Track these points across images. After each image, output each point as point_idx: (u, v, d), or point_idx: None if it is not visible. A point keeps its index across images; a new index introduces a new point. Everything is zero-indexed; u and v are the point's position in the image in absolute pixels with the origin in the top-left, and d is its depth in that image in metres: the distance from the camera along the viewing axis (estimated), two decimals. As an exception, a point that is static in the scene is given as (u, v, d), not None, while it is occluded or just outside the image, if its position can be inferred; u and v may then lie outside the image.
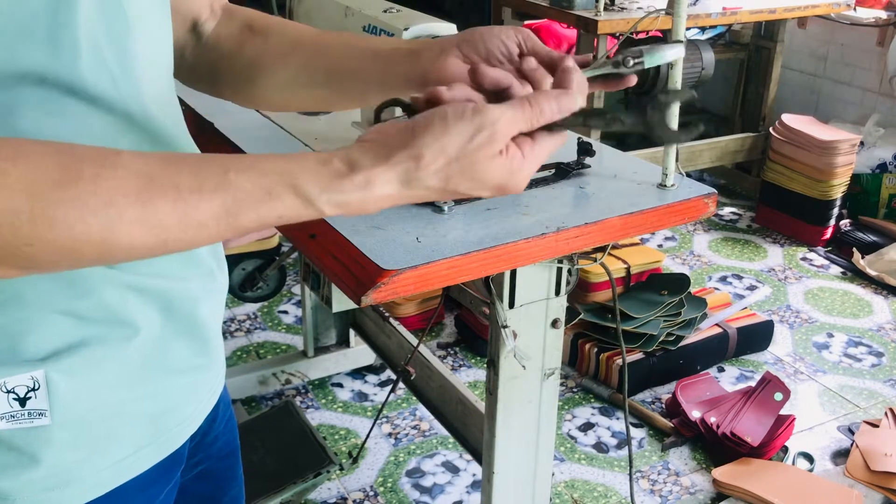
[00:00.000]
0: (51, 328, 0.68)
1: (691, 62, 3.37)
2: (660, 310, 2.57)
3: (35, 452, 0.69)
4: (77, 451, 0.71)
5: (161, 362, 0.77)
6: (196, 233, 0.61)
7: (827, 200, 3.45)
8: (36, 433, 0.68)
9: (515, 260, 1.22)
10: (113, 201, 0.57)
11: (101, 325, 0.71)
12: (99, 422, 0.72)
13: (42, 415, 0.68)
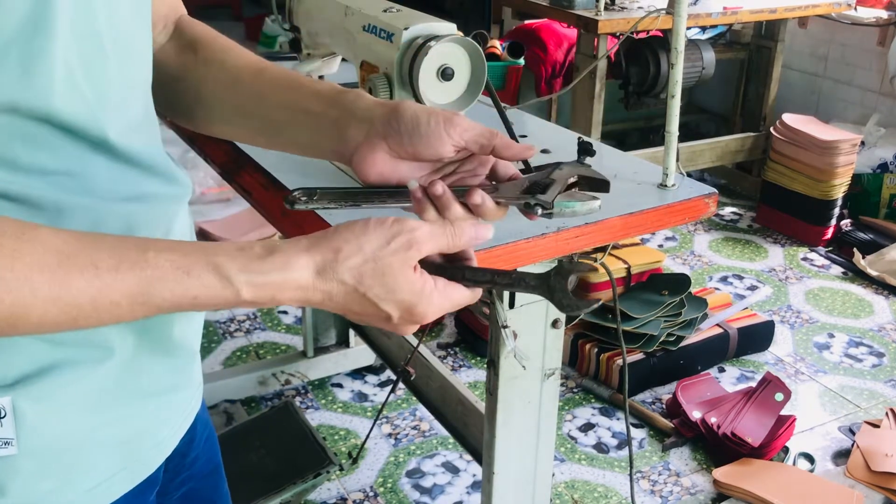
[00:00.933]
0: (19, 352, 0.65)
1: (692, 62, 3.37)
2: (660, 310, 2.57)
3: (1, 483, 0.66)
4: (46, 481, 0.69)
5: (134, 385, 0.75)
6: (108, 311, 0.60)
7: (827, 200, 3.45)
8: (2, 463, 0.66)
9: (516, 260, 1.21)
10: (29, 278, 0.56)
11: (73, 347, 0.68)
12: (69, 449, 0.70)
13: (8, 444, 0.65)
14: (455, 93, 1.32)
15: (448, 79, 1.29)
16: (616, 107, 3.68)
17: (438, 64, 1.27)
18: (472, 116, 1.64)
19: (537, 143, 1.59)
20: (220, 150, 1.58)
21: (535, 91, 3.58)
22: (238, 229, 3.26)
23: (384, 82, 1.30)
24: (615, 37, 3.18)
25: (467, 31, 1.82)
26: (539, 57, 3.56)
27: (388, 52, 1.29)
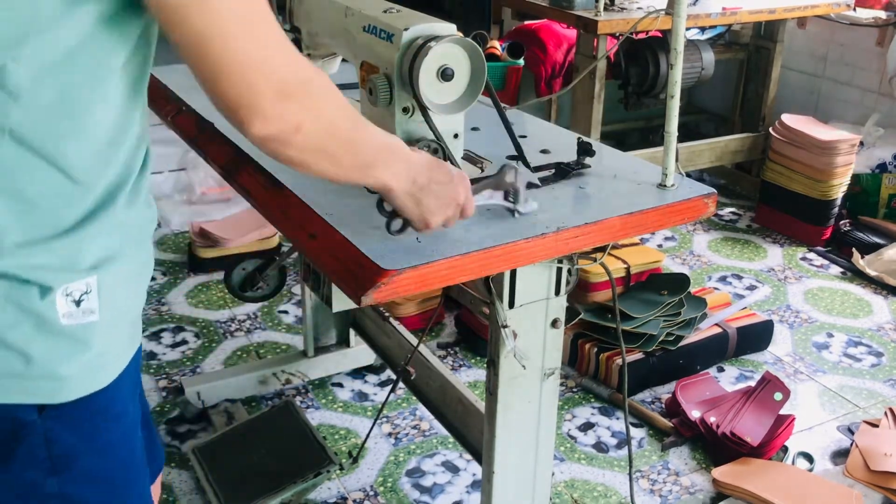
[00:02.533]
0: (97, 243, 0.89)
1: (691, 62, 3.38)
2: (660, 310, 2.57)
3: (87, 340, 0.90)
4: (112, 340, 0.93)
5: (147, 270, 1.02)
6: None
7: (827, 200, 3.45)
8: (88, 327, 0.89)
9: (515, 260, 1.22)
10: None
11: (125, 237, 0.93)
12: (124, 316, 0.95)
13: (93, 313, 0.90)
14: (455, 93, 1.32)
15: (448, 79, 1.29)
16: (615, 107, 3.68)
17: (438, 64, 1.27)
18: (472, 117, 1.65)
19: (537, 143, 1.60)
20: (220, 150, 1.58)
21: (534, 91, 3.59)
22: (238, 229, 3.26)
23: (384, 83, 1.30)
24: (615, 37, 3.19)
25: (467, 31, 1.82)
26: (539, 57, 3.57)
27: (389, 52, 1.29)
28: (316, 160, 0.96)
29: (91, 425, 0.93)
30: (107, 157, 0.90)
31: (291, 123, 0.89)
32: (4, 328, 0.84)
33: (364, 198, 1.33)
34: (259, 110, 0.86)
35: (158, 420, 2.37)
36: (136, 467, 1.03)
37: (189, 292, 3.05)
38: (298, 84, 0.90)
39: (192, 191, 3.68)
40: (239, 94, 0.86)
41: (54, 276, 0.86)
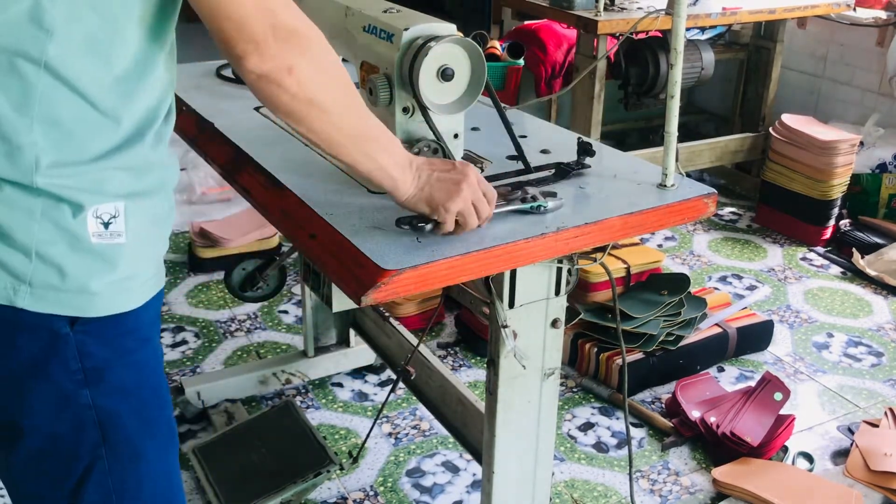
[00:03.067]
0: (129, 177, 0.97)
1: (691, 62, 3.38)
2: (660, 310, 2.57)
3: (114, 261, 0.97)
4: (137, 267, 1.00)
5: (172, 212, 1.08)
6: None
7: (827, 200, 3.45)
8: (115, 248, 0.97)
9: (515, 260, 1.22)
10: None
11: (156, 180, 1.01)
12: (149, 250, 1.02)
13: (120, 235, 0.97)
14: (455, 93, 1.33)
15: (448, 79, 1.29)
16: (615, 107, 3.68)
17: (438, 64, 1.27)
18: (472, 117, 1.65)
19: (537, 143, 1.60)
20: (220, 150, 1.58)
21: (534, 91, 3.59)
22: (238, 229, 3.26)
23: (384, 82, 1.30)
24: (615, 37, 3.19)
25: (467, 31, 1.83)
26: (539, 57, 3.57)
27: (389, 52, 1.29)
28: (308, 112, 1.02)
29: (120, 342, 1.00)
30: (130, 95, 0.96)
31: (285, 63, 0.96)
32: (43, 244, 0.93)
33: (364, 197, 1.33)
34: (255, 45, 0.94)
35: (158, 420, 2.37)
36: (162, 391, 1.08)
37: (189, 292, 3.05)
38: (295, 29, 0.97)
39: (192, 191, 3.68)
40: (237, 28, 0.93)
41: (86, 197, 0.94)
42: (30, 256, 0.92)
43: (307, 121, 1.03)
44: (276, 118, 1.70)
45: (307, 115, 1.02)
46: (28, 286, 0.93)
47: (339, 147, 1.08)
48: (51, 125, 0.91)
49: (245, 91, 1.88)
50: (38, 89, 0.90)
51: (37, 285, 0.93)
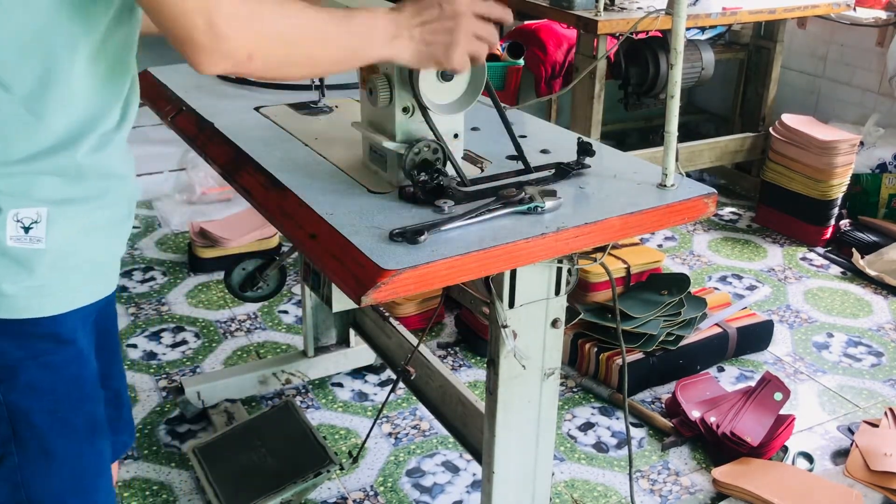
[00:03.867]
0: (57, 183, 0.96)
1: (691, 62, 3.38)
2: (660, 310, 2.57)
3: (31, 265, 0.97)
4: (61, 274, 1.00)
5: (116, 228, 1.08)
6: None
7: (827, 200, 3.45)
8: (35, 253, 0.96)
9: (515, 260, 1.22)
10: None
11: (88, 188, 1.00)
12: (79, 258, 1.01)
13: (40, 241, 0.96)
14: (455, 93, 1.33)
15: (448, 79, 1.29)
16: (615, 107, 3.68)
17: (438, 64, 1.27)
18: (472, 117, 1.65)
19: (537, 143, 1.60)
20: (220, 150, 1.58)
21: (534, 91, 3.59)
22: (238, 229, 3.26)
23: (384, 83, 1.30)
24: (615, 37, 3.19)
25: (467, 31, 1.82)
26: (539, 57, 3.57)
27: (389, 52, 1.29)
28: (285, 73, 1.04)
29: (35, 344, 1.01)
30: (63, 100, 0.95)
31: (241, 55, 0.95)
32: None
33: (364, 197, 1.33)
34: (202, 49, 0.93)
35: (158, 420, 2.37)
36: (82, 393, 1.08)
37: (189, 292, 3.05)
38: (239, 17, 0.94)
39: (192, 191, 3.68)
40: (182, 35, 0.92)
41: (6, 200, 0.94)
42: None
43: (290, 76, 1.06)
44: (276, 119, 1.70)
45: (288, 74, 1.05)
46: None
47: (334, 67, 1.09)
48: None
49: (245, 91, 1.89)
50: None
51: None
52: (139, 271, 3.19)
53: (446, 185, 1.31)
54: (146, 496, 2.10)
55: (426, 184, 1.31)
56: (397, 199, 1.32)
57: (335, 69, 1.10)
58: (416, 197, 1.31)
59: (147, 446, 2.27)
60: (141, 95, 1.14)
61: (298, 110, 1.76)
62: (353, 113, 1.66)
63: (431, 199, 1.29)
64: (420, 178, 1.30)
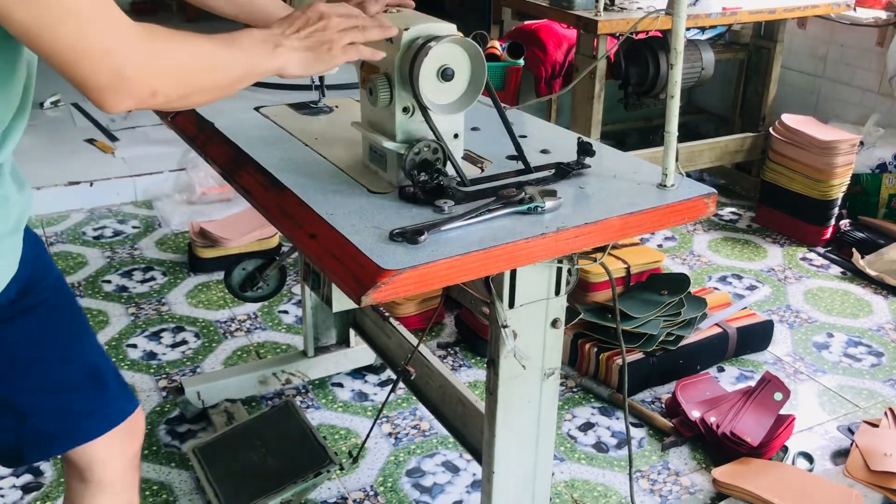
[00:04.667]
0: None
1: (691, 62, 3.38)
2: (660, 310, 2.57)
3: None
4: None
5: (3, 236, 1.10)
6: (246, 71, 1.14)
7: (827, 200, 3.45)
8: None
9: (515, 260, 1.22)
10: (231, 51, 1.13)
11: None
12: None
13: None
14: (455, 93, 1.33)
15: (448, 79, 1.29)
16: (615, 107, 3.68)
17: (438, 64, 1.27)
18: (472, 117, 1.65)
19: (537, 143, 1.60)
20: (220, 150, 1.58)
21: (534, 91, 3.59)
22: (238, 229, 3.26)
23: (384, 82, 1.30)
24: (615, 37, 3.19)
25: (467, 31, 1.82)
26: (539, 57, 3.57)
27: (389, 52, 1.29)
28: (189, 102, 1.07)
29: None
30: None
31: (144, 93, 0.98)
32: None
33: (364, 197, 1.33)
34: (107, 90, 0.95)
35: (158, 420, 2.37)
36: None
37: (189, 292, 3.05)
38: (134, 59, 0.96)
39: (192, 191, 3.68)
40: (82, 82, 0.94)
41: None
42: None
43: (194, 104, 1.09)
44: (276, 118, 1.70)
45: (191, 103, 1.08)
46: None
47: (231, 89, 1.13)
48: None
49: (245, 91, 1.89)
50: None
51: None
52: (139, 271, 3.19)
53: (446, 185, 1.31)
54: (146, 496, 2.10)
55: (426, 184, 1.31)
56: (397, 199, 1.32)
57: (232, 90, 1.13)
58: (416, 197, 1.31)
59: (147, 446, 2.27)
60: None
61: (298, 110, 1.76)
62: (353, 113, 1.66)
63: (431, 199, 1.29)
64: (420, 178, 1.30)
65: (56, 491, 2.11)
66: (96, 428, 1.30)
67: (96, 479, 1.35)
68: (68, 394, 1.26)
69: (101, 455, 1.33)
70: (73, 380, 1.26)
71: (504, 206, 1.27)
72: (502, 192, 1.30)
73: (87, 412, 1.28)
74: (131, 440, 1.37)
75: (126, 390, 1.37)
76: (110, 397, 1.32)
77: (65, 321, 1.28)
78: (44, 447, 1.29)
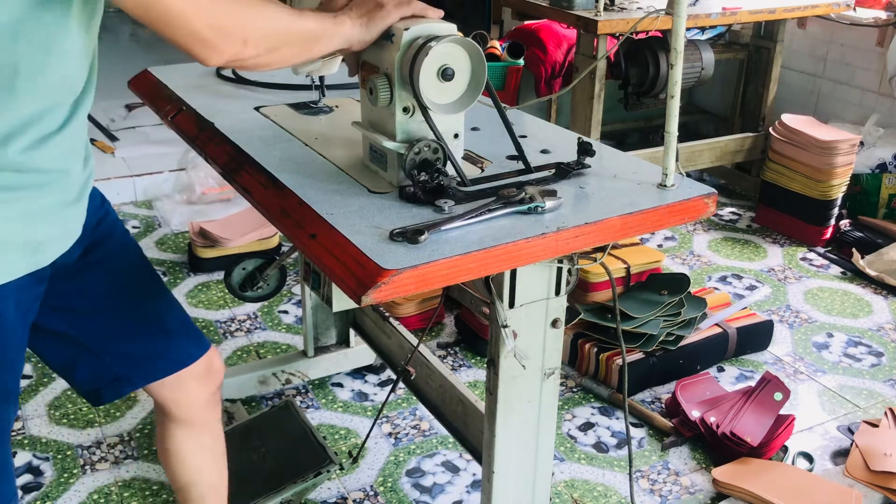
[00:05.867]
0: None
1: (691, 62, 3.38)
2: (660, 310, 2.57)
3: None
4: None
5: (71, 206, 1.19)
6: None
7: (827, 200, 3.45)
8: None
9: (515, 259, 1.22)
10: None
11: (35, 184, 1.11)
12: (8, 237, 1.11)
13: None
14: (455, 93, 1.33)
15: (448, 79, 1.29)
16: (615, 107, 3.68)
17: (439, 64, 1.27)
18: (473, 117, 1.64)
19: (537, 143, 1.60)
20: (220, 149, 1.58)
21: (534, 91, 3.59)
22: (238, 229, 3.26)
23: (384, 82, 1.30)
24: (614, 37, 3.19)
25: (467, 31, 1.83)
26: (538, 57, 3.57)
27: (389, 52, 1.29)
28: (274, 59, 1.20)
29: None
30: (4, 101, 1.04)
31: (237, 46, 1.12)
32: None
33: (365, 197, 1.33)
34: (208, 47, 1.10)
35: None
36: (1, 358, 1.20)
37: (189, 292, 3.05)
38: (231, 15, 1.11)
39: (192, 191, 3.68)
40: (187, 40, 1.08)
41: None
42: None
43: (278, 63, 1.21)
44: (276, 118, 1.70)
45: (276, 61, 1.20)
46: None
47: (307, 59, 1.26)
48: None
49: (245, 91, 1.89)
50: None
51: None
52: (139, 271, 3.19)
53: (446, 184, 1.31)
54: (146, 496, 2.10)
55: (426, 183, 1.31)
56: (397, 198, 1.32)
57: (312, 52, 1.25)
58: (416, 197, 1.31)
59: (147, 446, 2.27)
60: (141, 95, 1.19)
61: (298, 110, 1.76)
62: (353, 113, 1.66)
63: (432, 199, 1.29)
64: (420, 177, 1.30)
65: (56, 491, 2.11)
66: (163, 369, 1.43)
67: (174, 415, 1.50)
68: (136, 338, 1.40)
69: (175, 394, 1.47)
70: (139, 326, 1.40)
71: (504, 205, 1.27)
72: (502, 191, 1.30)
73: (154, 355, 1.42)
74: (205, 381, 1.49)
75: (194, 335, 1.48)
76: (177, 342, 1.45)
77: (129, 274, 1.41)
78: (117, 387, 1.41)
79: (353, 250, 1.16)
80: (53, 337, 1.35)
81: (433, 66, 1.27)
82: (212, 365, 1.50)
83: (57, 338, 1.36)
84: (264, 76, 1.93)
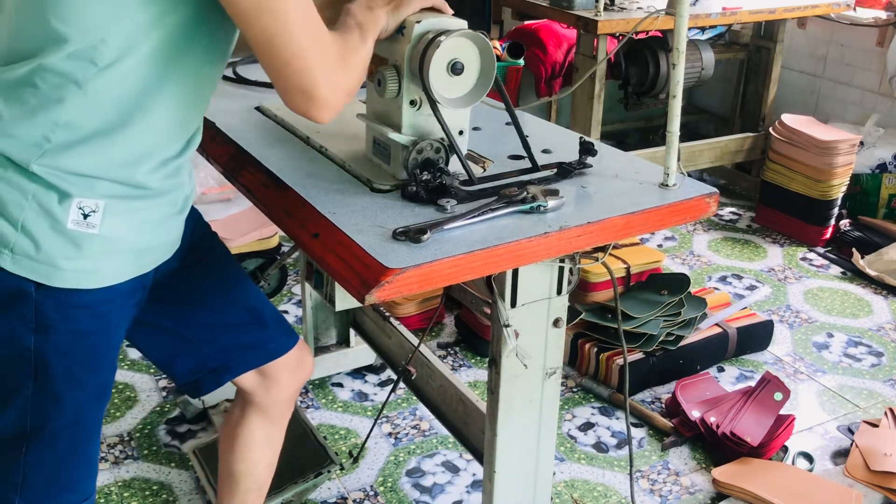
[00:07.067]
0: (114, 184, 1.13)
1: (691, 62, 3.38)
2: (660, 310, 2.57)
3: (83, 247, 1.13)
4: (106, 257, 1.16)
5: (177, 216, 1.26)
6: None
7: (827, 200, 3.45)
8: (86, 237, 1.13)
9: (518, 259, 1.22)
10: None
11: (154, 195, 1.19)
12: (125, 245, 1.17)
13: (94, 227, 1.13)
14: (464, 87, 1.33)
15: (458, 73, 1.29)
16: (616, 107, 3.68)
17: (448, 58, 1.27)
18: (474, 117, 1.64)
19: (539, 143, 1.59)
20: (221, 149, 1.58)
21: (534, 91, 3.59)
22: (239, 229, 3.26)
23: (393, 74, 1.30)
24: (615, 37, 3.19)
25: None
26: (539, 57, 3.57)
27: (399, 44, 1.30)
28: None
29: (71, 312, 1.18)
30: (142, 130, 1.13)
31: (344, 97, 1.17)
32: (29, 220, 1.11)
33: (367, 196, 1.33)
34: (321, 99, 1.14)
35: (158, 420, 2.37)
36: (99, 360, 1.26)
37: (189, 292, 3.05)
38: (343, 64, 1.17)
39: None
40: (301, 81, 1.12)
41: (75, 190, 1.11)
42: (17, 227, 1.11)
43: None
44: (276, 118, 1.70)
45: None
46: (10, 251, 1.11)
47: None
48: (66, 128, 1.10)
49: (245, 90, 1.89)
50: (68, 101, 1.08)
51: (17, 252, 1.11)
52: (139, 271, 3.19)
53: (449, 184, 1.31)
54: (146, 496, 2.10)
55: (429, 183, 1.31)
56: (400, 198, 1.32)
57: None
58: (418, 196, 1.31)
59: (147, 446, 2.27)
60: None
61: (300, 109, 1.76)
62: (354, 106, 1.66)
63: (434, 199, 1.29)
64: (423, 177, 1.30)
65: (56, 490, 2.10)
66: (261, 357, 1.50)
67: (258, 402, 1.55)
68: (233, 330, 1.48)
69: (267, 382, 1.53)
70: (235, 319, 1.48)
71: (506, 205, 1.27)
72: (504, 191, 1.30)
73: (250, 346, 1.49)
74: (296, 374, 1.55)
75: (285, 329, 1.54)
76: (270, 334, 1.51)
77: (224, 270, 1.50)
78: (216, 376, 1.48)
79: (357, 249, 1.16)
80: (155, 330, 1.43)
81: (443, 59, 1.27)
82: (304, 359, 1.56)
83: (159, 331, 1.44)
84: (265, 75, 1.92)
